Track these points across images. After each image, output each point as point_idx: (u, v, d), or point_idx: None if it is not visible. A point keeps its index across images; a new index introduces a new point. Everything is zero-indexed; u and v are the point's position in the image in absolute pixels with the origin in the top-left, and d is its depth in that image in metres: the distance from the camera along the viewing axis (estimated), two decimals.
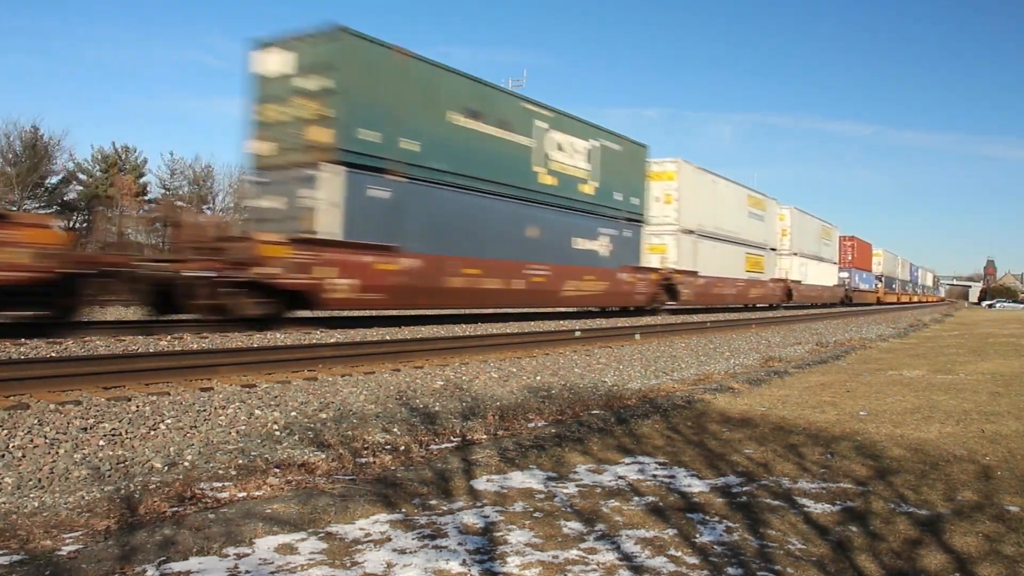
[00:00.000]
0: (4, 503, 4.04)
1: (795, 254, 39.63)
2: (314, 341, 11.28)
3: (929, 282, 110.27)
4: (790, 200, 52.80)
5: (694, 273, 26.68)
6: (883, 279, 66.37)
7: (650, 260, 24.12)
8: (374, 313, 17.32)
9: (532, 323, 18.28)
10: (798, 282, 39.50)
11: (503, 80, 40.27)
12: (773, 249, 36.03)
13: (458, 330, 14.56)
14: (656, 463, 5.26)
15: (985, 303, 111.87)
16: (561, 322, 18.74)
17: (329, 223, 13.36)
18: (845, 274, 52.58)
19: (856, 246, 55.56)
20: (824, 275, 45.54)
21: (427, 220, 15.28)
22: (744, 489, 4.62)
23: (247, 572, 3.14)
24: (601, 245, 21.08)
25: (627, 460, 5.33)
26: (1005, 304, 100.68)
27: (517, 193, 17.73)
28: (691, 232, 26.76)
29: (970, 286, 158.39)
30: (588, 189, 20.57)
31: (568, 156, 19.73)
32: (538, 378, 9.34)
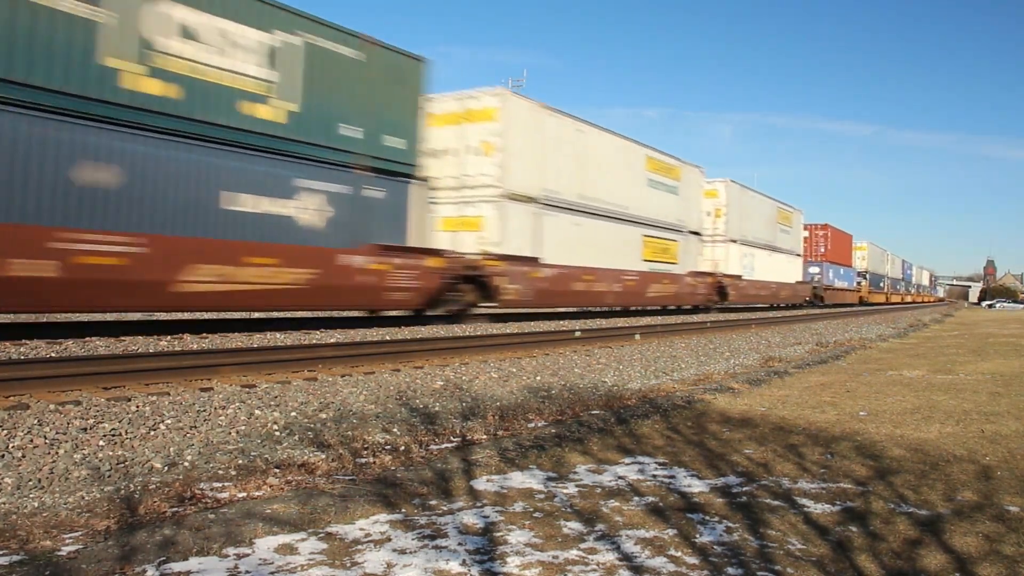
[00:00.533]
0: (4, 503, 4.04)
1: (734, 241, 30.95)
2: (314, 341, 11.29)
3: (925, 281, 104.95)
4: (795, 202, 47.66)
5: (532, 260, 18.09)
6: (868, 276, 59.17)
7: (437, 239, 16.31)
8: (374, 314, 17.31)
9: (532, 323, 18.27)
10: (737, 277, 30.89)
11: (503, 80, 35.99)
12: (695, 233, 27.56)
13: (458, 330, 14.56)
14: (656, 463, 5.26)
15: (985, 303, 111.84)
16: (562, 322, 18.73)
17: None
18: (816, 269, 45.29)
19: (831, 236, 48.03)
20: (781, 269, 36.99)
21: None
22: (744, 489, 4.62)
23: (247, 572, 3.14)
24: (303, 208, 12.73)
25: (627, 460, 5.33)
26: (1005, 304, 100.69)
27: (46, 100, 9.50)
28: (529, 200, 18.14)
29: (970, 286, 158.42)
30: (269, 113, 12.26)
31: (214, 52, 11.40)
32: (538, 378, 9.34)
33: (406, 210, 14.83)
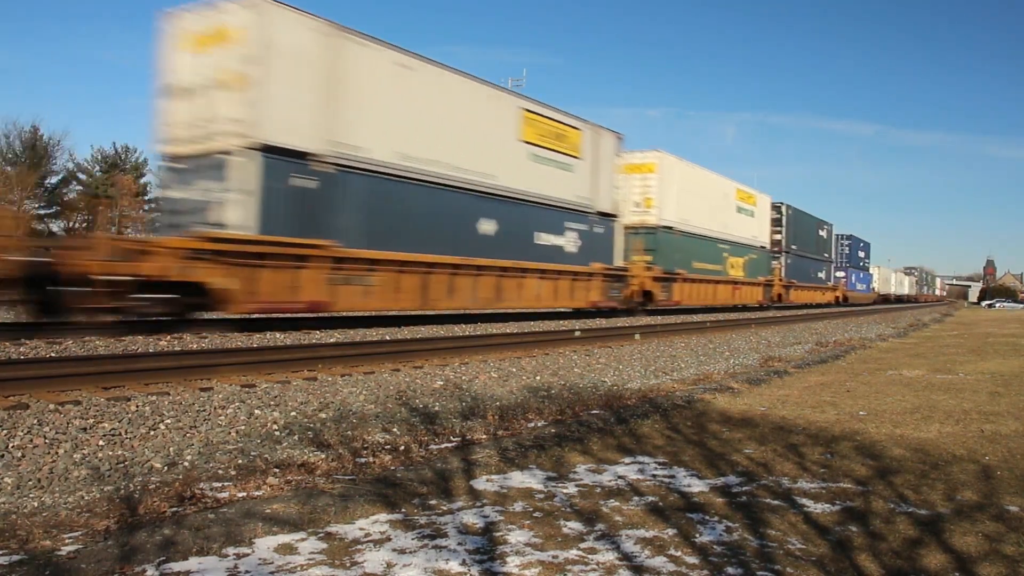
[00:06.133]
0: (4, 503, 4.04)
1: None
2: (314, 341, 11.28)
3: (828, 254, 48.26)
4: (795, 201, 41.87)
5: None
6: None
7: None
8: (374, 313, 17.31)
9: (532, 323, 18.26)
10: None
11: (503, 80, 34.82)
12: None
13: (458, 330, 14.56)
14: (656, 463, 5.25)
15: (985, 303, 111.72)
16: (561, 322, 18.71)
17: None
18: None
19: None
20: None
21: None
22: (744, 489, 4.62)
23: (247, 572, 3.14)
24: None
25: (627, 460, 5.32)
26: (1005, 304, 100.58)
27: None
28: None
29: (970, 286, 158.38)
30: None
31: None
32: (538, 378, 9.34)
33: None
